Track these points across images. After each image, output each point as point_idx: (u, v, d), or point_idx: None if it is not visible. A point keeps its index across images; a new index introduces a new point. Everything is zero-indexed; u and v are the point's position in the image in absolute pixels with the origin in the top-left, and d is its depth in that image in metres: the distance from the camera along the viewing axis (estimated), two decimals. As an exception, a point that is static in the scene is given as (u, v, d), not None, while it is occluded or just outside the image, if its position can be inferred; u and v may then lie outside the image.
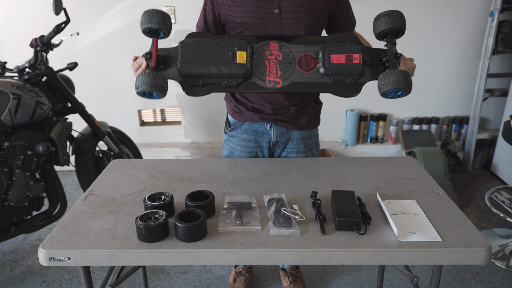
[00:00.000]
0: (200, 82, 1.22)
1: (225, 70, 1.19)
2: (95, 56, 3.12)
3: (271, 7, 1.30)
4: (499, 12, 2.87)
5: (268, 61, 1.25)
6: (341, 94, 1.24)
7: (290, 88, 1.23)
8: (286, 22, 1.31)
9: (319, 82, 1.24)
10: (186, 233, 0.99)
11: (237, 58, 1.20)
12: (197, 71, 1.20)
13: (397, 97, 1.18)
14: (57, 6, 2.06)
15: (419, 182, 1.32)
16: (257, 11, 1.30)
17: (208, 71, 1.19)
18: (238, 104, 1.52)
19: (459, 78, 3.22)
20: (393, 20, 1.18)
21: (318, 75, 1.23)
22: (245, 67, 1.20)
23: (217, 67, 1.19)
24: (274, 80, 1.24)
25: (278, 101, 1.45)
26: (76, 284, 2.03)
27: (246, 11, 1.31)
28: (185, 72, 1.20)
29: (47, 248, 0.98)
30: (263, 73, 1.24)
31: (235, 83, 1.22)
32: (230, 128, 1.59)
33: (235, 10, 1.32)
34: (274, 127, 1.52)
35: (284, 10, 1.30)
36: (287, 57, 1.25)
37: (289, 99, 1.46)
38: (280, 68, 1.24)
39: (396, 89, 1.12)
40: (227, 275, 2.07)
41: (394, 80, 1.11)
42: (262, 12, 1.30)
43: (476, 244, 0.98)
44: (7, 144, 1.95)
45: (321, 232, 1.03)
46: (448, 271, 2.08)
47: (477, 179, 3.13)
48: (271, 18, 1.31)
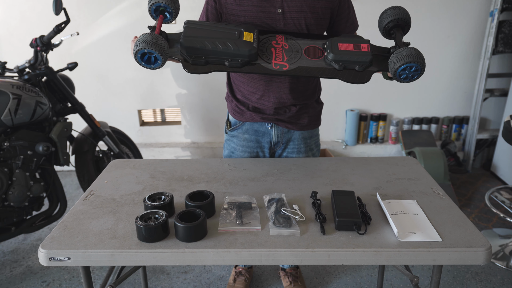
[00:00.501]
0: (202, 59, 1.16)
1: (231, 46, 1.14)
2: (95, 56, 3.12)
3: (274, 6, 1.30)
4: (499, 12, 2.87)
5: (274, 49, 1.23)
6: (350, 80, 1.21)
7: (297, 72, 1.19)
8: (288, 22, 1.32)
9: (327, 68, 1.20)
10: (186, 233, 0.99)
11: (244, 37, 1.16)
12: (201, 45, 1.14)
13: (411, 79, 1.14)
14: (57, 6, 2.06)
15: (419, 182, 1.32)
16: (260, 11, 1.31)
17: (213, 45, 1.14)
18: (239, 104, 1.51)
19: (459, 78, 3.22)
20: (398, 12, 1.19)
21: (326, 62, 1.21)
22: (252, 45, 1.15)
23: (223, 42, 1.14)
24: (280, 63, 1.20)
25: (281, 100, 1.45)
26: (76, 284, 2.03)
27: (249, 11, 1.31)
28: (189, 44, 1.14)
29: (47, 248, 0.98)
30: (269, 57, 1.21)
31: (240, 61, 1.17)
32: (231, 128, 1.59)
33: (238, 9, 1.32)
34: (275, 127, 1.52)
35: (286, 10, 1.31)
36: (294, 47, 1.24)
37: (293, 97, 1.45)
38: (286, 55, 1.22)
39: (409, 62, 1.08)
40: (227, 275, 2.07)
41: (407, 54, 1.09)
42: (265, 12, 1.31)
43: (476, 244, 0.98)
44: (7, 144, 1.95)
45: (321, 232, 1.03)
46: (448, 271, 2.08)
47: (477, 179, 3.13)
48: (274, 17, 1.31)
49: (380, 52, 1.23)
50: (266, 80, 1.42)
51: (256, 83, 1.44)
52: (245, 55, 1.16)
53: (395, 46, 1.20)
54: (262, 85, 1.43)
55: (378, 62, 1.22)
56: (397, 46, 1.18)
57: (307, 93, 1.49)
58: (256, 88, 1.45)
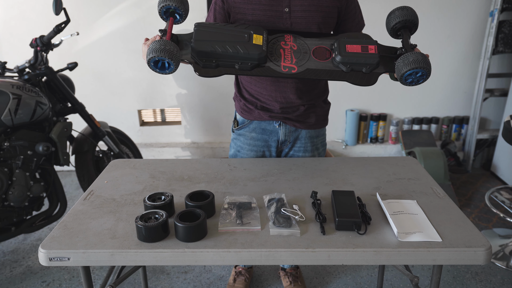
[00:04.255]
0: (213, 62, 1.18)
1: (241, 49, 1.15)
2: (95, 56, 3.12)
3: (281, 5, 1.31)
4: (499, 12, 2.87)
5: (283, 50, 1.24)
6: (357, 83, 1.22)
7: (305, 74, 1.21)
8: (295, 21, 1.33)
9: (335, 70, 1.22)
10: (186, 233, 0.99)
11: (253, 40, 1.18)
12: (212, 48, 1.15)
13: (416, 82, 1.15)
14: (57, 6, 2.06)
15: (419, 182, 1.32)
16: (267, 9, 1.31)
17: (224, 48, 1.15)
18: (248, 103, 1.52)
19: (459, 78, 3.22)
20: (406, 13, 1.20)
21: (333, 63, 1.22)
22: (261, 48, 1.17)
23: (233, 45, 1.16)
24: (289, 66, 1.21)
25: (288, 100, 1.45)
26: (76, 284, 2.03)
27: (257, 9, 1.32)
28: (200, 49, 1.15)
29: (47, 248, 0.98)
30: (278, 59, 1.22)
31: (249, 64, 1.18)
32: (238, 127, 1.59)
33: (246, 7, 1.33)
34: (283, 126, 1.53)
35: (294, 9, 1.31)
36: (302, 47, 1.24)
37: (300, 97, 1.46)
38: (295, 56, 1.23)
39: (416, 68, 1.10)
40: (227, 275, 2.07)
41: (414, 60, 1.10)
42: (272, 11, 1.31)
43: (476, 244, 0.98)
44: (7, 144, 1.95)
45: (321, 232, 1.03)
46: (448, 271, 2.08)
47: (477, 179, 3.13)
48: (281, 16, 1.32)
49: (387, 53, 1.24)
50: (272, 80, 1.43)
51: (263, 83, 1.45)
52: (255, 59, 1.18)
53: (402, 48, 1.21)
54: (269, 85, 1.44)
55: (384, 63, 1.23)
56: (404, 49, 1.19)
57: (314, 93, 1.50)
58: (263, 88, 1.46)
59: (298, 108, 1.49)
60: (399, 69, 1.14)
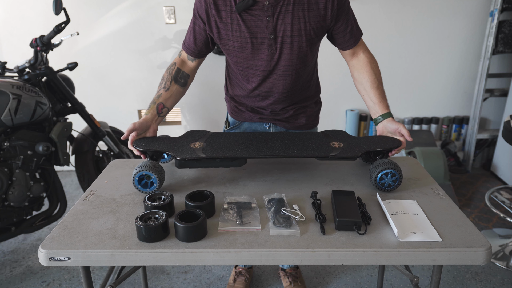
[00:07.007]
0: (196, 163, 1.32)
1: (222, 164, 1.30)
2: (95, 56, 3.13)
3: (265, 32, 1.29)
4: (499, 12, 2.87)
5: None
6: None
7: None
8: (281, 47, 1.31)
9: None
10: (186, 233, 0.99)
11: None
12: (196, 164, 1.32)
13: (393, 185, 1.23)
14: (57, 6, 2.07)
15: (419, 182, 1.32)
16: (252, 37, 1.29)
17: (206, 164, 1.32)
18: (238, 105, 1.52)
19: (459, 78, 3.22)
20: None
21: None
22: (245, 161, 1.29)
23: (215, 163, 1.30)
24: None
25: (277, 102, 1.45)
26: (76, 284, 2.03)
27: (240, 36, 1.30)
28: (183, 166, 1.31)
29: (47, 248, 0.98)
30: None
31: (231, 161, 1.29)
32: (229, 127, 1.60)
33: (229, 34, 1.30)
34: (273, 127, 1.54)
35: (278, 35, 1.29)
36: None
37: (290, 100, 1.45)
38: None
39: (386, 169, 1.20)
40: (227, 275, 2.07)
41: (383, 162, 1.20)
42: (257, 38, 1.29)
43: (476, 244, 0.98)
44: (7, 144, 1.95)
45: (321, 232, 1.03)
46: (448, 271, 2.08)
47: (477, 179, 3.13)
48: (266, 43, 1.30)
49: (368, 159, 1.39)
50: (261, 83, 1.42)
51: (252, 86, 1.44)
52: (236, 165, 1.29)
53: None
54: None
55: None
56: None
57: (304, 95, 1.49)
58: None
59: (288, 110, 1.49)
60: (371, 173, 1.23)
